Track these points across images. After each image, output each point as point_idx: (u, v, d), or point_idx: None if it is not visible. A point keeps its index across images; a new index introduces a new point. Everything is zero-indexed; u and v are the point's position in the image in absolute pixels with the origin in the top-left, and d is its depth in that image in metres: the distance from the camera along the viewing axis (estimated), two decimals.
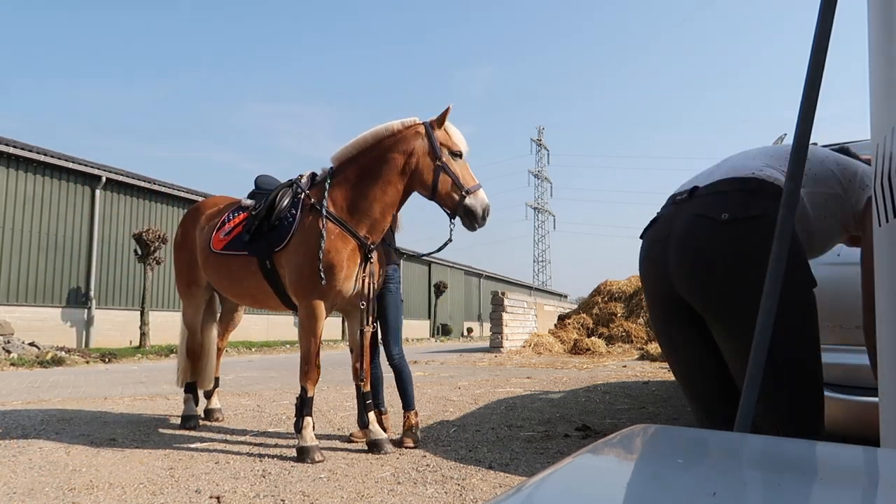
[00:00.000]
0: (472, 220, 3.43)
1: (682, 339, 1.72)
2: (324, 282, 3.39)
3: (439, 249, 3.64)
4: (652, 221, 1.81)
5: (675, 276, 1.63)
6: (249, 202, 3.94)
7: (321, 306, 3.48)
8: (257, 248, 3.64)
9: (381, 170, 3.51)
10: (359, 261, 3.54)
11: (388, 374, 3.98)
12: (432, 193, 3.48)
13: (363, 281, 3.60)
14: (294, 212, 3.58)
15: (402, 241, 3.87)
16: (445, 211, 3.49)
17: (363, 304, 3.58)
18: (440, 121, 3.55)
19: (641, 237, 1.85)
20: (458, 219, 3.46)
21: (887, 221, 1.20)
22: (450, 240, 3.54)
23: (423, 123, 3.57)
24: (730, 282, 1.50)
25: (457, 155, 3.49)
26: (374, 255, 3.65)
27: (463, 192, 3.41)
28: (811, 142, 2.17)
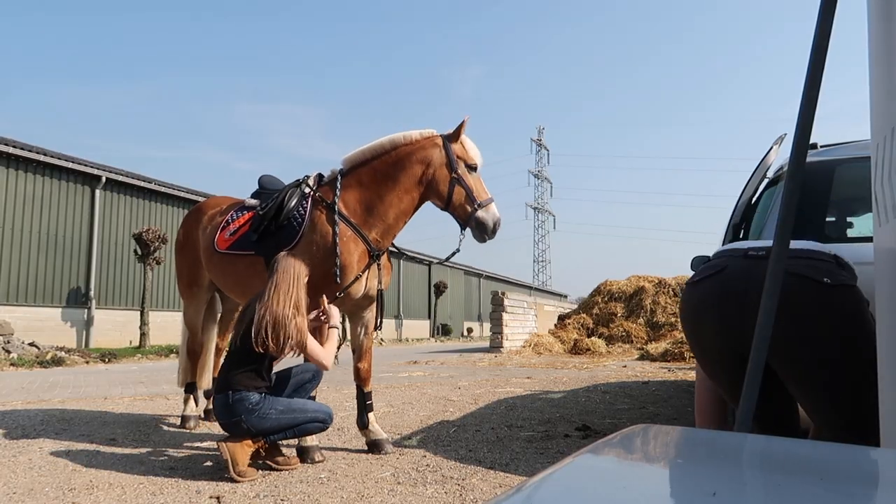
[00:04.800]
0: (483, 232, 3.48)
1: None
2: (339, 281, 3.41)
3: (448, 258, 3.74)
4: (714, 272, 1.83)
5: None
6: (253, 202, 3.93)
7: None
8: (265, 248, 3.64)
9: (398, 177, 3.53)
10: (367, 263, 3.55)
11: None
12: (446, 205, 3.55)
13: (370, 283, 3.63)
14: (303, 212, 3.59)
15: (403, 240, 3.87)
16: (458, 221, 3.57)
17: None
18: (456, 133, 3.60)
19: (693, 283, 1.88)
20: (468, 230, 3.53)
21: (888, 221, 1.20)
22: (457, 249, 3.64)
23: (440, 135, 3.61)
24: (830, 340, 1.63)
25: (472, 168, 3.55)
26: (382, 259, 3.68)
27: (476, 205, 3.47)
28: (811, 142, 2.17)
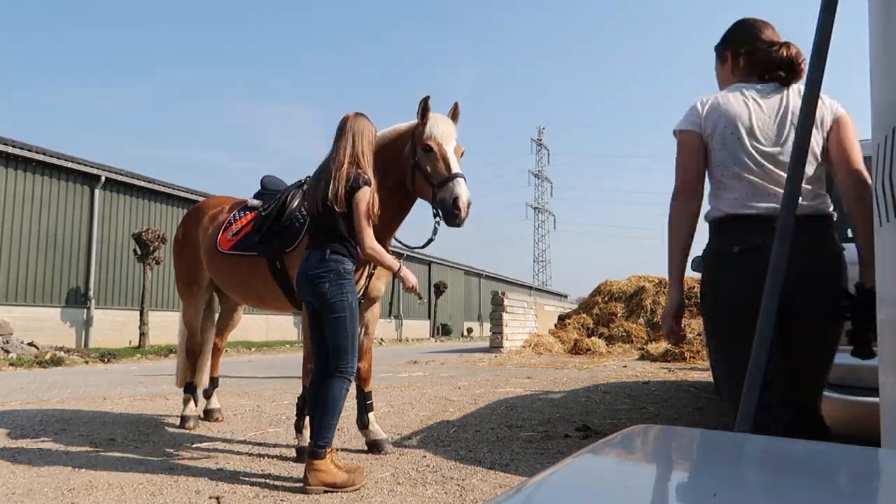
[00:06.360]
0: (444, 213, 3.11)
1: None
2: None
3: (424, 246, 3.47)
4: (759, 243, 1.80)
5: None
6: (255, 202, 3.93)
7: None
8: (267, 249, 3.64)
9: (390, 171, 3.39)
10: (368, 263, 3.53)
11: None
12: (414, 193, 3.35)
13: (369, 283, 3.61)
14: (305, 212, 3.57)
15: (402, 240, 3.83)
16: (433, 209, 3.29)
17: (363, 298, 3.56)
18: (419, 117, 3.33)
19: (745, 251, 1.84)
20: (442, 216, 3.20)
21: (888, 221, 1.20)
22: (431, 238, 3.38)
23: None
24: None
25: (426, 150, 3.21)
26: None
27: (433, 186, 3.13)
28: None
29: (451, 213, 3.07)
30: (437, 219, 3.26)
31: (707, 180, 1.96)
